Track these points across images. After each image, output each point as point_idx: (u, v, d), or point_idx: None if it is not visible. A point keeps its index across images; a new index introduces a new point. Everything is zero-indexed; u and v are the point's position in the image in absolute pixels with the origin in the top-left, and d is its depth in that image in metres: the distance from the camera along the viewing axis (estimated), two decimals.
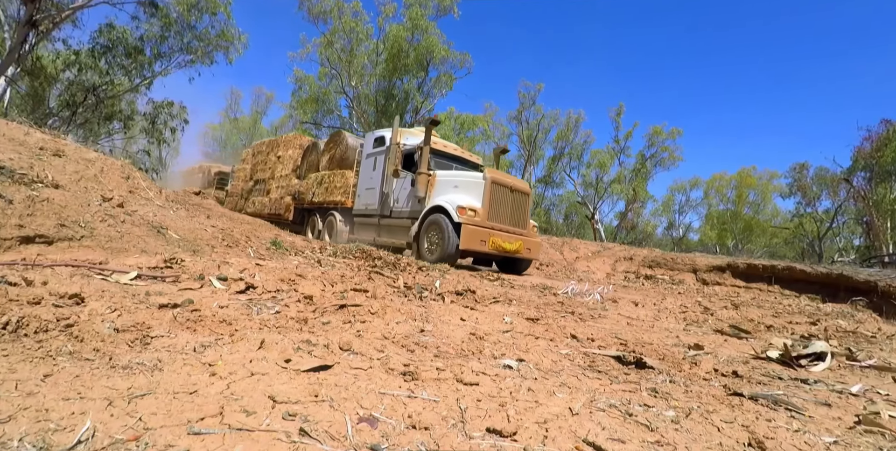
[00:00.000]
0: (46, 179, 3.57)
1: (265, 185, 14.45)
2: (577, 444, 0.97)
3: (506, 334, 2.09)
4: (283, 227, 12.81)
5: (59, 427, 0.84)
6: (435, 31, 22.89)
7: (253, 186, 15.30)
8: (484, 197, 7.03)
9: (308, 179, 11.68)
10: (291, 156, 13.29)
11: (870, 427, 1.20)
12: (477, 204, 6.98)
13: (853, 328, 2.86)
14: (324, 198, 10.61)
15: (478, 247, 6.75)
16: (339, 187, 10.16)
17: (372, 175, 9.18)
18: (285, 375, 1.21)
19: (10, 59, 13.18)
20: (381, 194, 8.74)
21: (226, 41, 17.81)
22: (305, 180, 11.85)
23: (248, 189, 15.67)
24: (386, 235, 8.55)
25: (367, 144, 9.72)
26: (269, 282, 2.41)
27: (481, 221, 6.89)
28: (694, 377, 1.64)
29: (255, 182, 15.18)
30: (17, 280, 1.83)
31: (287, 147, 13.73)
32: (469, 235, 6.68)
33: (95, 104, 17.08)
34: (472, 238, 6.70)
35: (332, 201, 10.23)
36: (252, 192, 15.30)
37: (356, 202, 9.55)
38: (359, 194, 9.50)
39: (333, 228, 10.16)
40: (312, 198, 11.12)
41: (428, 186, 7.68)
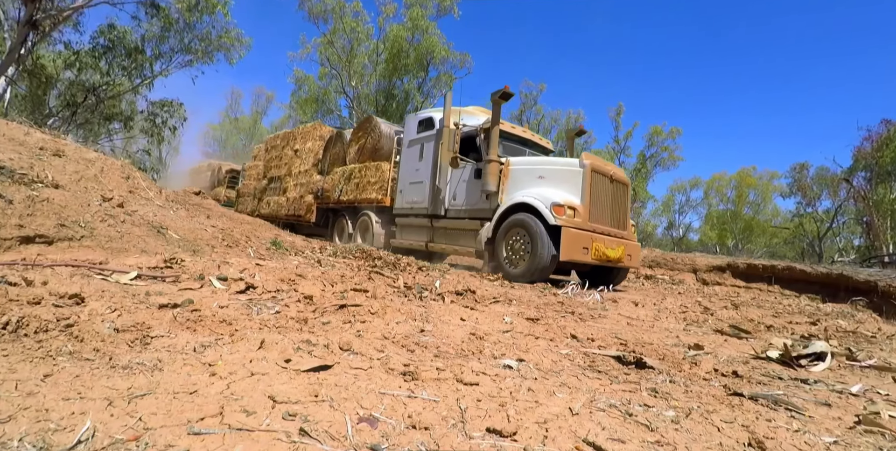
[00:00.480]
0: (46, 179, 3.57)
1: (281, 183, 12.84)
2: (577, 444, 0.97)
3: (506, 334, 2.09)
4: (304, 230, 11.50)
5: (59, 427, 0.84)
6: (435, 32, 22.92)
7: (267, 185, 13.75)
8: (583, 191, 5.48)
9: (333, 175, 10.14)
10: (311, 149, 11.68)
11: (870, 427, 1.20)
12: (575, 200, 5.44)
13: (853, 328, 2.86)
14: (354, 196, 9.11)
15: (580, 256, 5.20)
16: (374, 183, 8.66)
17: (418, 166, 7.61)
18: (285, 375, 1.21)
19: (10, 59, 13.18)
20: (433, 189, 7.17)
21: (227, 42, 17.80)
22: (330, 176, 10.34)
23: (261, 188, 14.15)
24: (443, 239, 7.05)
25: (410, 129, 8.09)
26: (269, 282, 2.41)
27: (582, 222, 5.34)
28: (694, 377, 1.64)
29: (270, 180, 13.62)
30: (17, 280, 1.83)
31: (305, 139, 12.11)
32: (571, 241, 5.14)
33: (95, 104, 17.09)
34: (574, 245, 5.16)
35: (366, 200, 8.73)
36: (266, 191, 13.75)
37: (398, 200, 8.05)
38: (400, 190, 7.97)
39: (368, 230, 8.66)
40: (339, 196, 9.62)
41: (501, 178, 6.10)
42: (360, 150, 9.47)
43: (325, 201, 10.35)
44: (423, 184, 7.45)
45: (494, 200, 6.15)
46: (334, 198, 9.84)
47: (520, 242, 5.57)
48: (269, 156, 14.19)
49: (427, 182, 7.37)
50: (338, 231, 10.06)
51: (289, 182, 12.44)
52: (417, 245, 7.56)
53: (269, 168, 13.85)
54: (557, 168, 5.89)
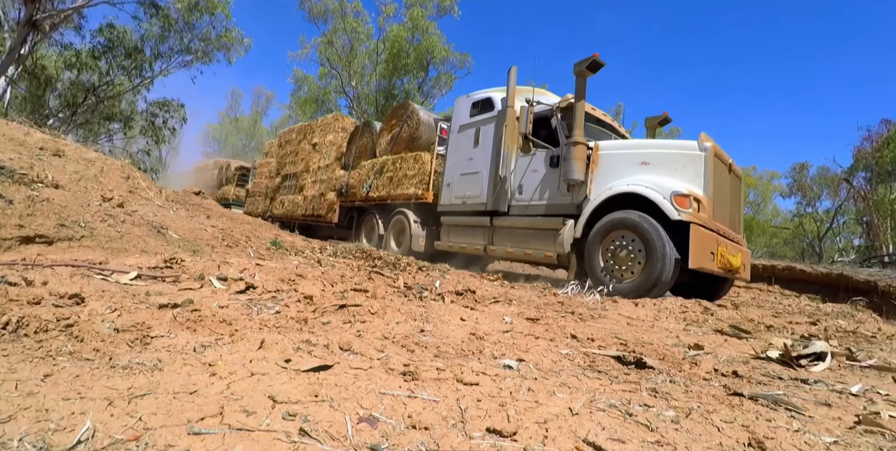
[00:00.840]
0: (46, 179, 3.57)
1: (297, 180, 11.75)
2: (577, 444, 0.97)
3: (506, 334, 2.09)
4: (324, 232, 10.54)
5: (59, 427, 0.84)
6: (435, 32, 22.93)
7: (281, 183, 12.65)
8: (706, 180, 4.35)
9: (360, 169, 9.12)
10: (333, 141, 10.65)
11: (870, 427, 1.20)
12: (697, 190, 4.31)
13: (853, 328, 2.86)
14: (387, 191, 8.10)
15: (708, 264, 4.11)
16: (412, 176, 7.61)
17: (472, 155, 6.59)
18: (285, 375, 1.21)
19: (10, 60, 13.18)
20: (493, 181, 6.11)
21: (227, 42, 17.81)
22: (356, 170, 9.26)
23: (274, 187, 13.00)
24: (507, 242, 5.82)
25: (460, 113, 7.08)
26: (269, 282, 2.41)
27: (708, 218, 4.28)
28: (694, 377, 1.64)
29: (284, 178, 12.52)
30: (17, 280, 1.83)
31: (326, 132, 11.07)
32: (701, 242, 4.05)
33: (95, 104, 17.09)
34: (704, 249, 4.06)
35: (402, 196, 7.70)
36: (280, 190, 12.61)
37: (443, 195, 7.01)
38: (447, 184, 6.96)
39: (404, 232, 7.63)
40: (368, 192, 8.58)
41: (591, 164, 5.02)
42: (393, 140, 8.40)
43: (351, 199, 9.25)
44: (480, 175, 6.35)
45: (580, 191, 5.06)
46: (362, 195, 8.79)
47: (625, 246, 4.40)
48: (282, 151, 13.10)
49: (485, 173, 6.28)
50: (365, 233, 8.94)
51: (306, 179, 11.31)
52: (471, 249, 6.34)
53: (283, 164, 12.81)
54: (668, 152, 4.69)
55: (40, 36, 13.78)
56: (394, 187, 7.98)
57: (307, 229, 11.47)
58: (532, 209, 5.68)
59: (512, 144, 6.01)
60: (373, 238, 8.62)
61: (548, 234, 5.29)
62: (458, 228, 6.77)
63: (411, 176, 7.68)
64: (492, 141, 6.33)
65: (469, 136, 6.80)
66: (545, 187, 5.59)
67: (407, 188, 7.66)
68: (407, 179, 7.76)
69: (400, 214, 7.85)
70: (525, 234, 5.63)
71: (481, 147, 6.51)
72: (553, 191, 5.47)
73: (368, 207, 8.99)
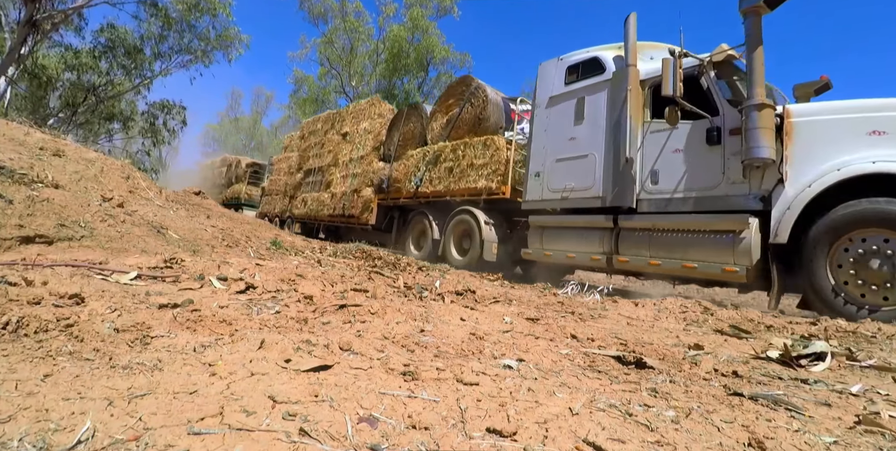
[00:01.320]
0: (46, 179, 3.57)
1: (323, 175, 10.34)
2: (577, 444, 0.97)
3: (506, 334, 2.09)
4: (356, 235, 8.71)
5: (59, 427, 0.84)
6: (435, 32, 22.97)
7: (303, 179, 11.30)
8: None
9: (406, 160, 7.74)
10: (369, 129, 9.26)
11: (870, 427, 1.20)
12: None
13: (853, 328, 2.85)
14: (446, 185, 6.72)
15: None
16: (482, 166, 6.24)
17: (573, 133, 5.21)
18: (285, 375, 1.21)
19: (11, 60, 13.19)
20: (612, 166, 4.73)
21: (226, 41, 17.82)
22: (401, 161, 7.87)
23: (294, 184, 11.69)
24: (651, 250, 4.36)
25: (548, 82, 5.67)
26: (269, 282, 2.41)
27: None
28: (694, 377, 1.64)
29: (307, 173, 11.19)
30: (17, 280, 1.83)
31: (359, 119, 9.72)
32: None
33: (95, 104, 17.11)
34: None
35: (467, 190, 6.37)
36: (301, 187, 11.30)
37: (530, 188, 5.66)
38: (535, 174, 5.61)
39: (472, 236, 6.25)
40: (419, 187, 7.18)
41: (785, 138, 3.61)
42: (450, 123, 7.03)
43: (394, 196, 7.82)
44: (589, 159, 4.98)
45: (765, 177, 3.70)
46: (409, 190, 7.39)
47: (875, 255, 3.16)
48: (305, 144, 11.67)
49: (597, 156, 4.89)
50: (413, 238, 7.45)
51: (334, 174, 9.82)
52: (583, 259, 4.92)
53: (305, 158, 11.43)
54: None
55: (40, 36, 13.78)
56: (455, 180, 6.54)
57: (334, 231, 10.23)
58: (676, 204, 4.23)
59: (638, 115, 4.56)
60: (424, 244, 7.13)
61: (719, 239, 3.79)
62: (557, 231, 5.30)
63: (480, 166, 6.23)
64: (604, 113, 4.87)
65: (566, 110, 5.31)
66: (698, 172, 4.10)
67: (474, 181, 6.23)
68: (474, 169, 6.29)
69: (464, 214, 6.39)
70: (678, 239, 4.10)
71: (588, 123, 5.05)
72: (712, 177, 4.00)
73: (417, 206, 7.53)
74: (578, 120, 5.28)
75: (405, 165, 7.79)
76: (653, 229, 4.39)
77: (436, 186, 7.02)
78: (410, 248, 7.54)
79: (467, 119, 6.90)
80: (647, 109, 4.72)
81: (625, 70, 4.75)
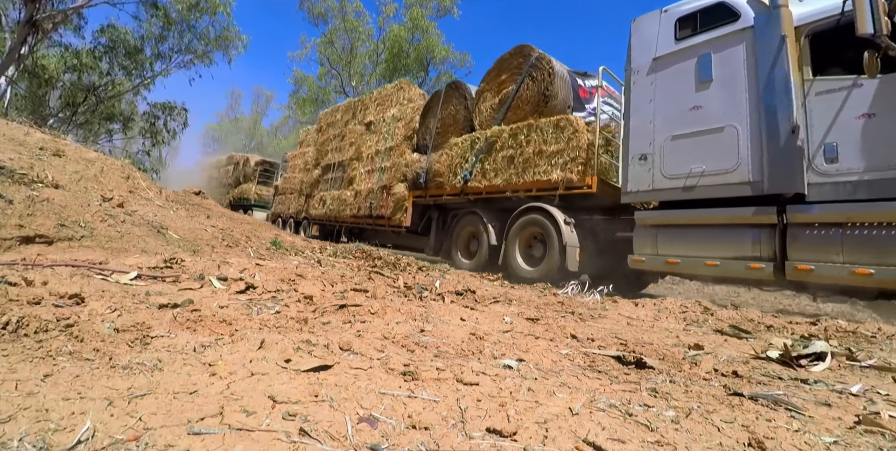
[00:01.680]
0: (46, 179, 3.57)
1: (345, 170, 9.18)
2: (577, 444, 0.97)
3: (506, 334, 2.09)
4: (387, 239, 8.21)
5: (59, 427, 0.84)
6: (435, 32, 22.99)
7: (321, 176, 10.23)
8: None
9: (448, 149, 6.56)
10: (399, 116, 8.08)
11: (870, 427, 1.20)
12: None
13: (853, 328, 2.85)
14: (507, 179, 5.60)
15: None
16: (555, 153, 5.12)
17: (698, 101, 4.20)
18: (285, 375, 1.21)
19: (11, 60, 13.19)
20: (767, 141, 3.70)
21: (226, 41, 17.83)
22: (441, 151, 6.73)
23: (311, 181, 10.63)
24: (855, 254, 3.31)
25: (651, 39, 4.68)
26: (269, 282, 2.41)
27: None
28: (694, 377, 1.64)
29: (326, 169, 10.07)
30: (17, 280, 1.83)
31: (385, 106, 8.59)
32: None
33: (95, 105, 17.11)
34: None
35: (539, 184, 5.25)
36: (319, 184, 10.22)
37: (634, 177, 4.60)
38: (640, 157, 4.55)
39: (550, 241, 5.02)
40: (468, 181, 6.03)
41: None
42: (504, 103, 5.87)
43: (434, 192, 6.64)
44: (729, 132, 3.92)
45: None
46: (455, 185, 6.23)
47: None
48: (323, 137, 10.50)
49: (742, 128, 3.84)
50: (459, 242, 6.27)
51: (357, 169, 8.65)
52: (739, 269, 3.79)
53: (323, 153, 10.19)
54: None
55: (40, 36, 13.78)
56: (518, 172, 5.43)
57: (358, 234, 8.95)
58: (877, 187, 3.21)
59: (796, 71, 3.60)
60: (477, 251, 5.90)
61: None
62: (681, 230, 4.20)
63: (552, 153, 5.11)
64: (744, 71, 3.89)
65: (681, 72, 4.32)
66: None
67: (545, 172, 5.11)
68: (543, 157, 5.18)
69: (534, 213, 5.25)
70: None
71: (720, 86, 4.04)
72: None
73: (465, 205, 6.34)
74: (703, 83, 4.17)
75: (448, 155, 6.50)
76: (846, 225, 3.26)
77: (491, 179, 5.77)
78: (457, 256, 6.26)
79: (528, 97, 5.65)
80: (806, 64, 3.63)
81: (774, 13, 3.73)
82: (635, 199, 4.71)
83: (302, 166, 11.82)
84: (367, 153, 8.64)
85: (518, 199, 5.62)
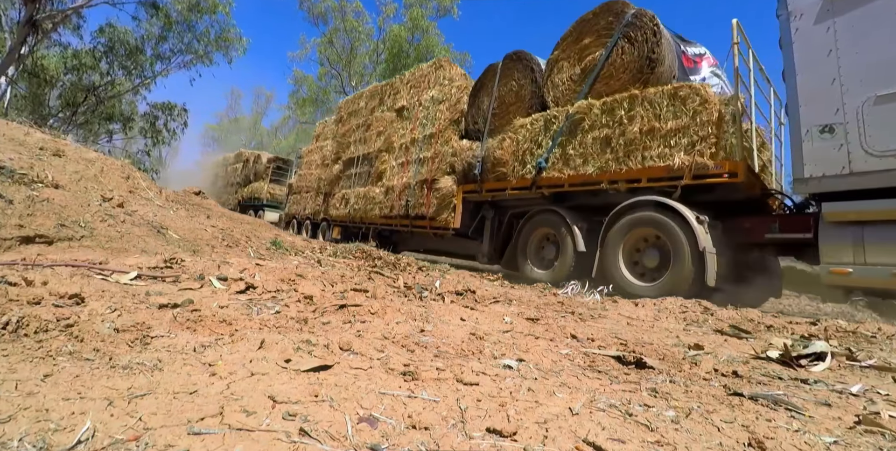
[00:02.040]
0: (46, 179, 3.57)
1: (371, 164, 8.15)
2: (578, 444, 0.97)
3: (506, 334, 2.09)
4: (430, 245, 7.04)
5: (59, 427, 0.84)
6: (435, 32, 22.99)
7: (342, 172, 9.21)
8: None
9: (513, 133, 5.43)
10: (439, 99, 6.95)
11: (870, 427, 1.20)
12: None
13: (853, 328, 2.85)
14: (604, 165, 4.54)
15: None
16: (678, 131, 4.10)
17: None
18: (285, 375, 1.21)
19: (10, 60, 13.19)
20: None
21: (226, 42, 17.82)
22: (501, 136, 5.61)
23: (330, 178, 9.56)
24: None
25: None
26: (269, 282, 2.41)
27: None
28: (694, 377, 1.64)
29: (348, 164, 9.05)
30: (17, 280, 1.83)
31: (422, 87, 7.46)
32: None
33: (95, 104, 17.11)
34: None
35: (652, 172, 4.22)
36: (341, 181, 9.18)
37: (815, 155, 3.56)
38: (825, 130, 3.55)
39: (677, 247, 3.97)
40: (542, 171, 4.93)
41: None
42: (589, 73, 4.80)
43: (494, 186, 5.54)
44: None
45: None
46: (521, 176, 5.17)
47: None
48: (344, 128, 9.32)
49: None
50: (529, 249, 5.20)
51: (387, 161, 7.65)
52: None
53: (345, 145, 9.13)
54: None
55: (40, 36, 13.78)
56: (618, 157, 4.38)
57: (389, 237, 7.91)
58: None
59: None
60: (558, 260, 4.81)
61: None
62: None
63: (671, 132, 4.06)
64: None
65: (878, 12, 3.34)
66: None
67: (663, 156, 4.07)
68: (657, 138, 4.14)
69: (647, 210, 4.17)
70: None
71: None
72: None
73: (536, 201, 5.24)
74: None
75: (512, 140, 5.37)
76: None
77: (578, 167, 4.66)
78: (527, 265, 5.17)
79: (625, 63, 4.58)
80: None
81: None
82: (820, 188, 3.47)
83: (319, 162, 10.69)
84: (401, 143, 7.51)
85: (617, 192, 4.50)
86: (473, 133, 6.37)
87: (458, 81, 7.11)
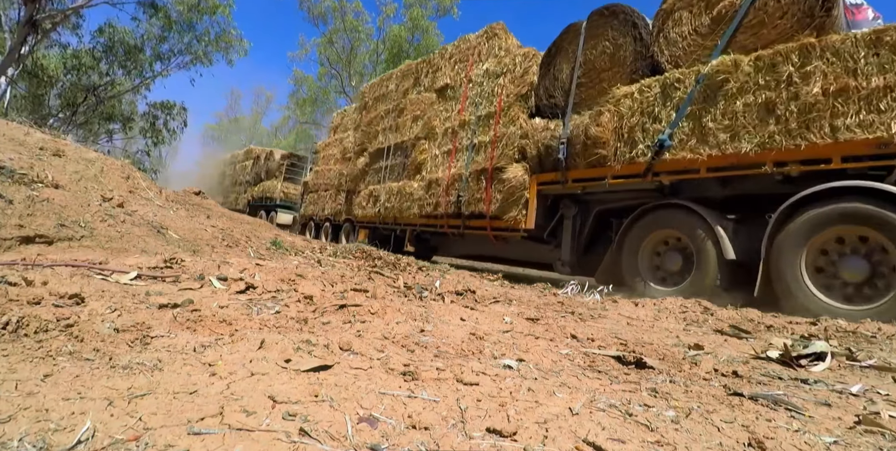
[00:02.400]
0: (46, 179, 3.57)
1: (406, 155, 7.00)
2: (578, 444, 0.97)
3: (506, 334, 2.09)
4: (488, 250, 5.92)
5: (59, 427, 0.84)
6: (435, 32, 23.00)
7: (368, 166, 8.00)
8: None
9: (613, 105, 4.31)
10: (496, 72, 5.77)
11: (870, 427, 1.20)
12: None
13: (853, 328, 2.85)
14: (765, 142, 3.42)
15: None
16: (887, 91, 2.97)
17: None
18: (285, 375, 1.21)
19: (10, 60, 13.19)
20: None
21: (226, 43, 17.82)
22: (594, 110, 4.48)
23: (354, 173, 8.35)
24: None
25: None
26: (269, 282, 2.41)
27: None
28: (694, 377, 1.64)
29: (375, 156, 7.87)
30: (17, 280, 1.83)
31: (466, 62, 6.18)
32: None
33: (95, 104, 17.10)
34: None
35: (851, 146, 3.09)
36: (367, 176, 7.98)
37: None
38: None
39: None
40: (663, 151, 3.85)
41: None
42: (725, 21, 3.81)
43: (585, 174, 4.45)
44: None
45: None
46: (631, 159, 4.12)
47: None
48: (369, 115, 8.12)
49: None
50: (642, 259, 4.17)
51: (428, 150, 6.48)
52: None
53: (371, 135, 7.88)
54: None
55: (40, 36, 13.78)
56: (786, 130, 3.34)
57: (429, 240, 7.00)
58: None
59: None
60: (691, 272, 3.87)
61: None
62: None
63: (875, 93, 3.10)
64: None
65: None
66: None
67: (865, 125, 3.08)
68: (851, 101, 3.13)
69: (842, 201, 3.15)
70: None
71: None
72: None
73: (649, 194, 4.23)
74: None
75: (614, 113, 4.24)
76: None
77: (721, 145, 3.60)
78: (639, 280, 4.13)
79: (782, 6, 3.53)
80: None
81: None
82: None
83: (339, 156, 9.31)
84: (446, 128, 6.29)
85: (786, 177, 3.43)
86: (548, 109, 5.13)
87: (513, 53, 5.95)
